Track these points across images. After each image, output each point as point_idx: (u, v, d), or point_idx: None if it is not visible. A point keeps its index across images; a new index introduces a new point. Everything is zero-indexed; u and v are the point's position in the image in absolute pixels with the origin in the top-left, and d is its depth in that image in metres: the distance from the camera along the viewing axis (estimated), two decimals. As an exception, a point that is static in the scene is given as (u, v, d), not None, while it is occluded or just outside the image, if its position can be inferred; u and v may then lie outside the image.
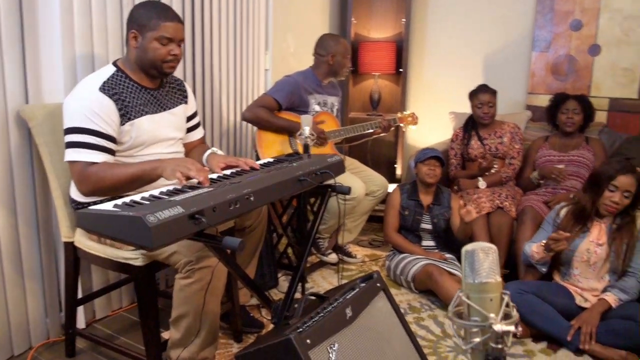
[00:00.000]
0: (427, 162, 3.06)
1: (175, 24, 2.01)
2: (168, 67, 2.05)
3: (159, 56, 2.01)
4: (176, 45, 2.03)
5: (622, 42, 3.64)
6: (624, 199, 2.50)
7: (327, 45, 3.17)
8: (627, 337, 2.38)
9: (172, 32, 2.00)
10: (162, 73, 2.07)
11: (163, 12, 2.00)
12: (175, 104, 2.22)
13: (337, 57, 3.16)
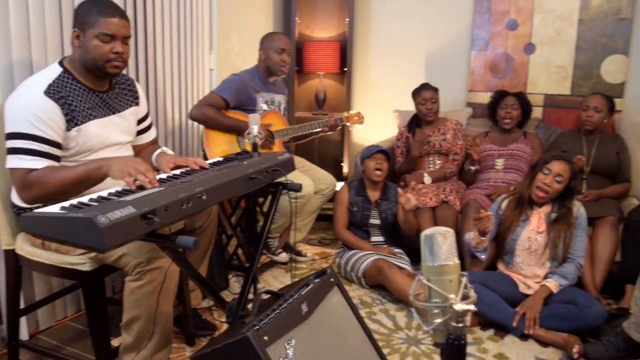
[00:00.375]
0: (373, 156, 3.11)
1: (118, 20, 1.91)
2: (112, 67, 1.95)
3: (100, 55, 1.91)
4: (120, 42, 1.93)
5: (555, 41, 3.81)
6: (556, 183, 2.62)
7: (262, 42, 3.18)
8: (568, 321, 2.50)
9: (113, 28, 1.90)
10: (106, 73, 1.97)
11: (104, 8, 1.90)
12: (125, 107, 2.14)
13: (268, 52, 3.13)
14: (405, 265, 2.97)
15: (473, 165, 3.40)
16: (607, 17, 3.68)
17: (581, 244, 2.68)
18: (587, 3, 3.71)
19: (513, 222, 2.74)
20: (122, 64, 1.99)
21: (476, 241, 2.70)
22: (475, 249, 2.74)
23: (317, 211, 3.41)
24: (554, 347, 2.50)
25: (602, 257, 2.88)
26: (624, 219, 2.97)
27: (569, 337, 2.45)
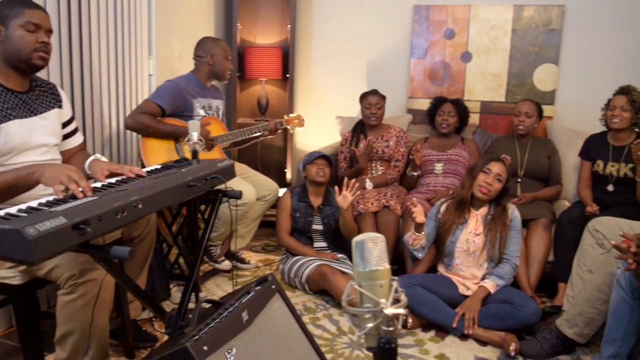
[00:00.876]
0: (315, 162, 3.13)
1: (40, 12, 1.93)
2: (38, 58, 1.92)
3: (26, 44, 1.88)
4: (44, 34, 1.93)
5: (490, 50, 3.95)
6: (496, 182, 2.72)
7: (206, 46, 3.16)
8: (505, 319, 2.59)
9: (38, 18, 1.90)
10: (32, 66, 1.93)
11: (26, 1, 1.93)
12: (47, 108, 2.07)
13: (217, 58, 3.14)
14: (348, 270, 2.99)
15: (415, 170, 3.47)
16: (539, 27, 3.84)
17: (516, 245, 2.78)
18: (520, 14, 3.86)
19: (452, 225, 2.81)
20: (47, 56, 1.96)
21: (413, 238, 2.76)
22: (412, 247, 2.80)
23: (260, 218, 3.39)
24: (493, 346, 2.58)
25: (536, 258, 3.00)
26: (556, 220, 3.10)
27: (506, 336, 2.53)
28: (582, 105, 3.71)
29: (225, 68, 3.18)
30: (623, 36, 3.74)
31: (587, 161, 3.28)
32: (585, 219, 2.88)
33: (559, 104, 3.89)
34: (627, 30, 3.73)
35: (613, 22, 3.75)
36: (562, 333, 2.48)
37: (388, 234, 3.15)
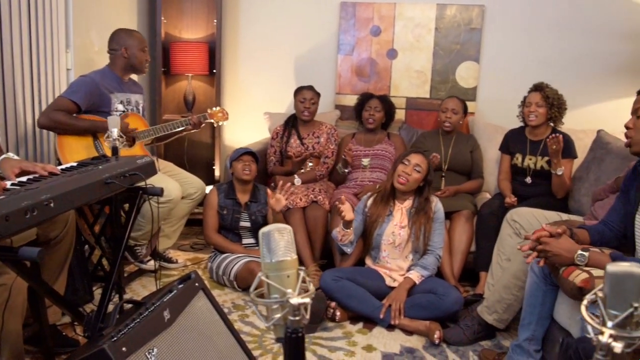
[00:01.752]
0: (241, 158, 3.10)
1: None
2: None
3: None
4: None
5: (415, 47, 4.04)
6: (415, 172, 2.79)
7: (119, 39, 3.05)
8: (429, 309, 2.66)
9: None
10: None
11: None
12: None
13: (132, 50, 3.03)
14: (277, 266, 2.98)
15: (346, 167, 3.51)
16: (460, 26, 3.97)
17: (439, 237, 2.87)
18: (443, 13, 3.97)
19: (378, 218, 2.86)
20: None
21: (342, 234, 2.79)
22: (341, 242, 2.83)
23: (187, 216, 3.33)
24: (418, 335, 2.65)
25: (458, 248, 3.10)
26: (477, 212, 3.22)
27: (430, 324, 2.61)
28: (501, 101, 3.87)
29: (141, 60, 3.07)
30: (538, 35, 3.93)
31: (506, 155, 3.42)
32: (505, 210, 3.01)
33: (480, 100, 4.05)
34: (543, 30, 3.92)
35: (529, 22, 3.93)
36: (483, 320, 2.58)
37: (316, 228, 3.18)
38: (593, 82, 3.91)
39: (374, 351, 2.50)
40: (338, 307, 2.73)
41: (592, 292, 0.79)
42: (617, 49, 3.85)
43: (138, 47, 3.05)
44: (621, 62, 3.86)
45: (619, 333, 0.74)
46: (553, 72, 3.86)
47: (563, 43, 3.91)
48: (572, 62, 3.92)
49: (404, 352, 2.51)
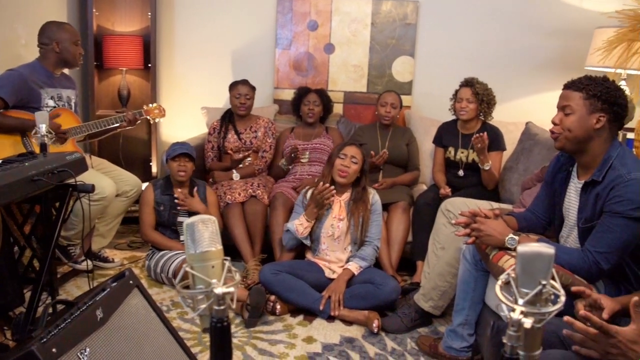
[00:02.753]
0: (177, 158, 3.04)
1: None
2: None
3: None
4: None
5: (352, 42, 4.09)
6: (353, 164, 2.84)
7: (50, 32, 2.93)
8: (368, 299, 2.71)
9: None
10: None
11: None
12: None
13: (64, 44, 2.92)
14: (216, 261, 2.96)
15: (290, 164, 3.52)
16: (396, 21, 4.04)
17: (377, 228, 2.92)
18: (378, 8, 4.03)
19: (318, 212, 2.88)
20: None
21: (305, 226, 2.81)
22: (302, 235, 2.84)
23: (123, 214, 3.25)
24: (358, 325, 2.70)
25: (396, 239, 3.17)
26: (414, 203, 3.30)
27: (369, 314, 2.66)
28: (436, 95, 3.96)
29: (74, 54, 2.97)
30: (470, 31, 4.05)
31: (440, 148, 3.52)
32: (440, 200, 3.09)
33: (416, 94, 4.14)
34: (474, 26, 4.05)
35: (461, 18, 4.05)
36: (419, 307, 2.65)
37: (256, 223, 3.17)
38: (522, 76, 4.08)
39: (314, 342, 2.52)
40: (278, 301, 2.73)
41: (506, 273, 0.83)
42: (544, 45, 4.02)
43: (70, 40, 2.94)
44: (548, 57, 4.03)
45: (530, 310, 0.79)
46: (484, 66, 3.99)
47: (493, 38, 4.05)
48: (502, 57, 4.06)
49: (343, 342, 2.55)
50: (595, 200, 1.88)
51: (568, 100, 1.91)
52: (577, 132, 1.90)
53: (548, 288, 0.78)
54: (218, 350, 0.82)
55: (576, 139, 1.91)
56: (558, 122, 1.95)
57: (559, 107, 1.96)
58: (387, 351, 2.50)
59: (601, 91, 1.85)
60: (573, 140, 1.92)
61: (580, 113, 1.88)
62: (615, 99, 1.86)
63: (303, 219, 2.83)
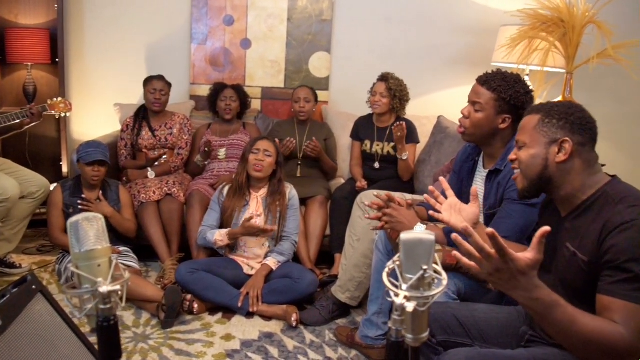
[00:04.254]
0: (91, 164, 2.91)
1: None
2: None
3: None
4: None
5: (268, 37, 4.08)
6: (267, 158, 2.85)
7: None
8: (286, 293, 2.73)
9: None
10: None
11: None
12: None
13: None
14: (131, 263, 2.88)
15: (206, 160, 3.47)
16: (312, 17, 4.07)
17: (295, 223, 2.94)
18: (295, 4, 4.05)
19: (235, 209, 2.87)
20: None
21: (225, 242, 2.82)
22: (217, 247, 2.85)
23: (29, 217, 3.09)
24: (277, 320, 2.71)
25: (314, 232, 3.21)
26: (331, 197, 3.35)
27: (287, 308, 2.68)
28: (353, 90, 4.03)
29: None
30: (384, 27, 4.15)
31: (356, 141, 3.59)
32: (356, 193, 3.15)
33: (333, 90, 4.19)
34: (388, 22, 4.14)
35: (375, 15, 4.13)
36: (337, 299, 2.71)
37: (172, 222, 3.11)
38: (433, 72, 4.22)
39: (233, 340, 2.52)
40: (195, 300, 2.70)
41: (392, 260, 0.86)
42: (454, 41, 4.18)
43: None
44: (457, 53, 4.20)
45: (413, 294, 0.82)
46: (398, 62, 4.10)
47: (407, 35, 4.16)
48: (414, 53, 4.19)
49: (262, 337, 2.56)
50: (497, 188, 1.98)
51: (479, 97, 1.96)
52: (484, 129, 1.99)
53: (430, 273, 0.82)
54: (106, 350, 0.80)
55: (482, 134, 2.00)
56: (467, 115, 2.02)
57: (470, 101, 2.02)
58: (306, 344, 2.53)
59: (511, 95, 1.92)
60: (478, 135, 2.01)
61: (489, 112, 1.96)
62: (523, 104, 1.94)
63: (225, 236, 2.80)
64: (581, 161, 1.44)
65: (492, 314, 1.66)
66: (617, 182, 1.43)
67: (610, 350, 1.21)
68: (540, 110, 1.49)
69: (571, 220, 1.44)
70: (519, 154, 1.50)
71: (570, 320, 1.21)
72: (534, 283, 1.20)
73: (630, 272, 1.24)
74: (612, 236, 1.29)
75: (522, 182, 1.51)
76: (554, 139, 1.44)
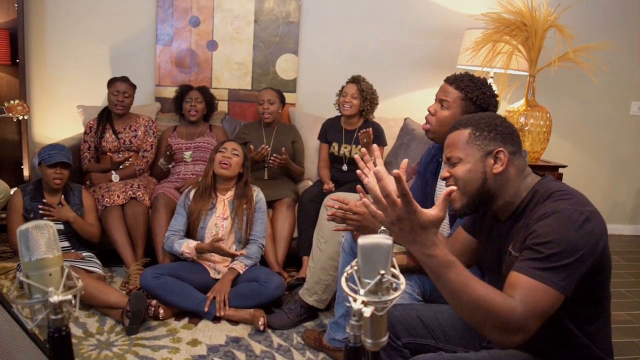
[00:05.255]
0: (53, 166, 2.84)
1: None
2: None
3: None
4: None
5: (235, 39, 4.05)
6: (235, 157, 2.85)
7: None
8: (253, 297, 2.71)
9: None
10: None
11: None
12: None
13: None
14: (94, 268, 2.82)
15: (169, 163, 3.43)
16: (279, 19, 4.06)
17: (262, 226, 2.93)
18: (261, 6, 4.03)
19: (201, 212, 2.84)
20: None
21: (190, 255, 2.78)
22: (183, 257, 2.80)
23: (-12, 222, 3.01)
24: (244, 324, 2.69)
25: (282, 235, 3.19)
26: (299, 199, 3.34)
27: (254, 312, 2.67)
28: (320, 92, 4.03)
29: None
30: (351, 30, 4.17)
31: (324, 144, 3.59)
32: (324, 195, 3.16)
33: (301, 92, 4.19)
34: (354, 25, 4.16)
35: (342, 17, 4.15)
36: (305, 302, 2.70)
37: (137, 226, 3.06)
38: (400, 74, 4.26)
39: (199, 345, 2.49)
40: (161, 305, 2.66)
41: (350, 265, 0.86)
42: (420, 44, 4.22)
43: None
44: (424, 56, 4.24)
45: (371, 299, 0.83)
46: (365, 64, 4.12)
47: (373, 38, 4.19)
48: (382, 56, 4.22)
49: (229, 342, 2.53)
50: None
51: (447, 96, 1.98)
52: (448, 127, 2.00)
53: (387, 277, 0.82)
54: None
55: (446, 132, 2.02)
56: (433, 113, 2.03)
57: (437, 99, 2.03)
58: (274, 348, 2.52)
59: (478, 96, 1.95)
60: (443, 133, 2.02)
61: (455, 111, 1.98)
62: (488, 106, 1.96)
63: (192, 250, 2.77)
64: (515, 168, 1.45)
65: (456, 315, 1.67)
66: (546, 180, 1.45)
67: (497, 321, 1.20)
68: (468, 124, 1.48)
69: (510, 225, 1.46)
70: (453, 171, 1.47)
71: (463, 283, 1.21)
72: (432, 240, 1.21)
73: (541, 253, 1.25)
74: (532, 226, 1.32)
75: (460, 200, 1.47)
76: (488, 151, 1.43)
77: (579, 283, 1.28)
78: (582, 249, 1.25)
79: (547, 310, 1.23)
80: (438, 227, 1.23)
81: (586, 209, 1.30)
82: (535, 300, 1.22)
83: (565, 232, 1.26)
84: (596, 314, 1.38)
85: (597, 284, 1.35)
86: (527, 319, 1.20)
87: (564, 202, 1.32)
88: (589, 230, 1.27)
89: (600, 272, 1.33)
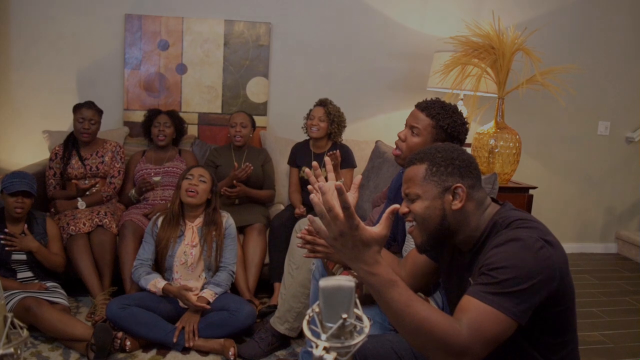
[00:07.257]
0: (15, 195, 2.76)
1: None
2: None
3: None
4: None
5: (205, 63, 4.03)
6: (201, 184, 2.80)
7: None
8: (223, 327, 2.65)
9: None
10: None
11: None
12: None
13: None
14: (59, 299, 2.73)
15: (140, 195, 3.37)
16: (249, 42, 4.05)
17: (232, 252, 2.88)
18: (231, 29, 4.02)
19: (169, 240, 2.78)
20: None
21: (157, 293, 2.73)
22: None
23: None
24: (214, 354, 2.62)
25: (253, 261, 3.14)
26: (270, 224, 3.30)
27: (225, 342, 2.61)
28: (291, 115, 4.01)
29: None
30: (321, 53, 4.18)
31: (294, 168, 3.57)
32: (295, 220, 3.13)
33: (271, 115, 4.17)
34: (324, 48, 4.18)
35: (312, 40, 4.16)
36: (276, 330, 2.64)
37: (104, 254, 2.98)
38: (371, 97, 4.27)
39: (167, 377, 2.41)
40: (128, 336, 2.58)
41: (311, 308, 0.83)
42: (391, 67, 4.25)
43: None
44: (394, 78, 4.27)
45: (334, 344, 0.79)
46: (335, 87, 4.13)
47: (343, 60, 4.21)
48: (352, 78, 4.23)
49: (199, 373, 2.46)
50: None
51: (418, 122, 1.98)
52: None
53: (350, 321, 0.79)
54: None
55: None
56: (404, 139, 2.03)
57: (407, 125, 2.03)
58: (244, 378, 2.46)
59: (449, 124, 1.96)
60: None
61: (426, 138, 1.98)
62: (458, 134, 1.98)
63: (159, 290, 2.70)
64: (474, 202, 1.43)
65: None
66: (505, 209, 1.44)
67: (440, 343, 1.17)
68: (424, 159, 1.45)
69: (472, 257, 1.45)
70: (412, 207, 1.43)
71: (406, 303, 1.18)
72: (375, 258, 1.18)
73: (494, 278, 1.24)
74: (487, 252, 1.31)
75: (420, 236, 1.45)
76: (446, 187, 1.41)
77: (542, 313, 1.27)
78: (537, 276, 1.24)
79: (496, 336, 1.20)
80: (381, 245, 1.19)
81: (544, 237, 1.29)
82: (482, 324, 1.19)
83: (520, 258, 1.25)
84: (562, 343, 1.37)
85: (560, 313, 1.34)
86: (472, 343, 1.17)
87: (521, 230, 1.31)
88: (546, 257, 1.26)
89: (563, 301, 1.32)
